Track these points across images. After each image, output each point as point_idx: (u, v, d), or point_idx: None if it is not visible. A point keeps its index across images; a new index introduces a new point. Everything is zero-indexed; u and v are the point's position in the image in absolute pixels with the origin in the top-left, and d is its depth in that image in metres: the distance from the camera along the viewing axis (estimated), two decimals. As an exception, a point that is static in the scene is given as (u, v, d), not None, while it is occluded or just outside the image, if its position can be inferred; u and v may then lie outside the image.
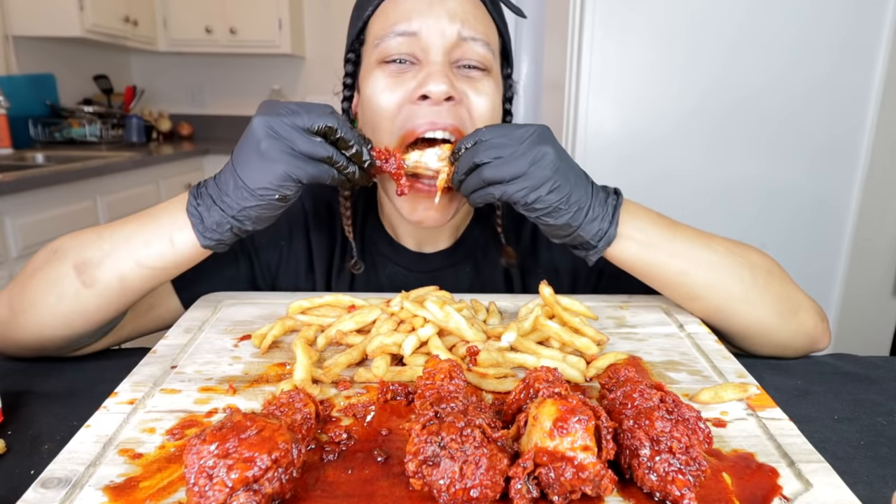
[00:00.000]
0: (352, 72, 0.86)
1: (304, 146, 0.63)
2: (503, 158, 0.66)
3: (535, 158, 0.66)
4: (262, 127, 0.63)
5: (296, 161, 0.63)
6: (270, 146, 0.63)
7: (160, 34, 4.05)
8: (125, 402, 0.57)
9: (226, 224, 0.67)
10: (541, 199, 0.67)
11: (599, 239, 0.71)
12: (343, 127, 0.66)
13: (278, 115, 0.64)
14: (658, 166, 1.91)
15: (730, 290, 0.75)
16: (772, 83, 1.81)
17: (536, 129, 0.67)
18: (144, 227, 0.70)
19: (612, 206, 0.71)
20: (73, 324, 0.71)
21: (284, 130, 0.63)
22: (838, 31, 1.77)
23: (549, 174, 0.66)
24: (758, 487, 0.45)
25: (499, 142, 0.67)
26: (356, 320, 0.70)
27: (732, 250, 0.77)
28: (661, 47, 1.82)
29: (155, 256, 0.69)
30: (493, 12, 0.83)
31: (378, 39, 0.79)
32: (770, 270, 0.78)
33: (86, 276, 0.69)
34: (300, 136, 0.63)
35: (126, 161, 3.01)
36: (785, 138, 1.85)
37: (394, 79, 0.78)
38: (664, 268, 0.75)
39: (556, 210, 0.68)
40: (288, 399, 0.50)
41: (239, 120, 4.56)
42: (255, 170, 0.64)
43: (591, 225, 0.70)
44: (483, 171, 0.67)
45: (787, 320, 0.77)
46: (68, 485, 0.45)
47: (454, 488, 0.41)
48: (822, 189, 1.89)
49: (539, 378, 0.51)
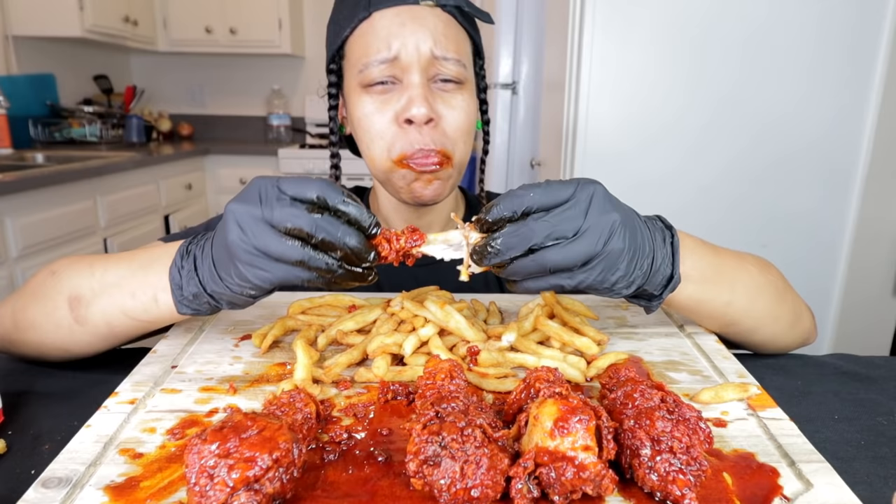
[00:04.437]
0: (335, 82, 0.91)
1: (270, 246, 0.53)
2: (569, 239, 0.53)
3: (605, 231, 0.54)
4: (231, 217, 0.54)
5: (259, 263, 0.54)
6: (234, 242, 0.54)
7: (160, 34, 4.05)
8: (126, 402, 0.57)
9: (202, 298, 0.61)
10: (620, 279, 0.57)
11: (664, 287, 0.63)
12: (325, 227, 0.52)
13: (250, 204, 0.54)
14: (658, 166, 1.91)
15: (761, 312, 0.74)
16: (773, 82, 1.81)
17: (592, 189, 0.55)
18: (134, 276, 0.66)
19: (669, 245, 0.63)
20: (69, 349, 0.71)
21: (252, 226, 0.53)
22: (841, 33, 1.77)
23: (624, 247, 0.55)
24: (758, 487, 0.45)
25: (559, 215, 0.53)
26: (356, 320, 0.70)
27: (760, 269, 0.74)
28: (661, 47, 1.82)
29: (139, 310, 0.66)
30: (462, 21, 0.87)
31: (362, 66, 0.83)
32: (785, 283, 0.79)
33: (77, 313, 0.67)
34: (267, 234, 0.53)
35: (126, 161, 3.01)
36: (786, 138, 1.85)
37: (380, 101, 0.84)
38: (713, 302, 0.70)
39: (631, 282, 0.59)
40: (289, 399, 0.50)
41: (239, 120, 4.56)
42: (223, 261, 0.57)
43: (657, 275, 0.62)
44: (545, 257, 0.53)
45: (794, 328, 0.79)
46: (69, 484, 0.45)
47: (455, 488, 0.41)
48: (823, 190, 1.89)
49: (540, 378, 0.51)
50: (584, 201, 0.54)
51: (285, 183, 0.54)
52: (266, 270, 0.54)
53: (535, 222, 0.53)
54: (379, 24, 0.82)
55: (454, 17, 0.85)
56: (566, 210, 0.53)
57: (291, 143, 4.16)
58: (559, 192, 0.54)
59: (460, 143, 0.86)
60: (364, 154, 0.89)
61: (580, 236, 0.53)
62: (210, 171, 3.96)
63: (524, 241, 0.53)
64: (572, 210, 0.53)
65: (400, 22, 0.81)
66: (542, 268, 0.54)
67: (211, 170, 3.96)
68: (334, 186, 0.54)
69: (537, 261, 0.54)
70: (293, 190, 0.53)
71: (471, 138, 0.89)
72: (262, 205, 0.53)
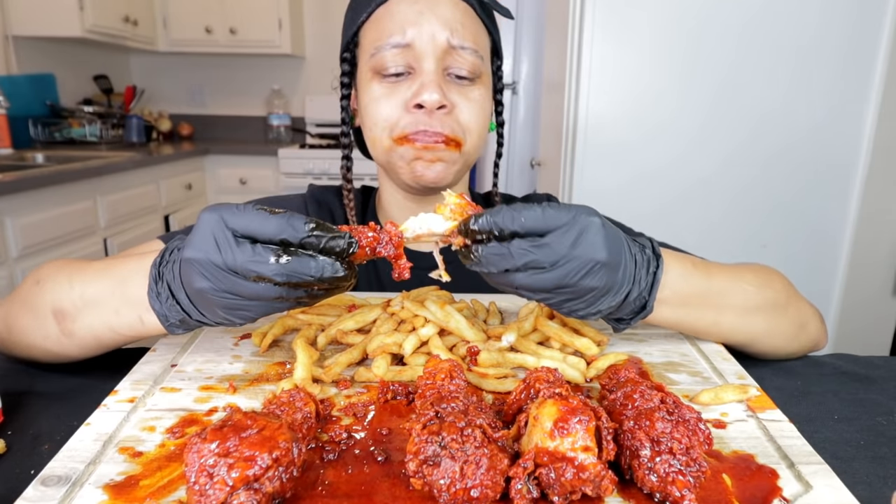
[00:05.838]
0: (348, 71, 0.89)
1: (244, 292, 0.51)
2: (546, 269, 0.52)
3: (583, 269, 0.52)
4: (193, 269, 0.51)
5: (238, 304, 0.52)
6: (206, 291, 0.51)
7: (160, 34, 4.05)
8: (125, 401, 0.57)
9: (190, 323, 0.59)
10: (582, 309, 0.57)
11: (634, 314, 0.63)
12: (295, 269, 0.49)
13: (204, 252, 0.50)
14: (658, 166, 1.91)
15: (756, 328, 0.73)
16: (773, 82, 1.82)
17: (587, 223, 0.52)
18: (113, 293, 0.62)
19: (651, 275, 0.61)
20: (61, 357, 0.70)
21: (215, 275, 0.50)
22: (841, 33, 1.77)
23: (597, 286, 0.54)
24: (758, 489, 0.45)
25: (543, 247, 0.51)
26: (356, 319, 0.70)
27: (758, 285, 0.72)
28: (661, 47, 1.83)
29: (125, 328, 0.63)
30: (481, 15, 0.85)
31: (374, 49, 0.82)
32: (788, 295, 0.76)
33: (63, 327, 0.65)
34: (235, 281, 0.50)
35: (126, 161, 3.01)
36: (786, 138, 1.85)
37: (390, 89, 0.82)
38: (696, 323, 0.69)
39: (593, 313, 0.59)
40: (288, 398, 0.50)
41: (239, 120, 4.56)
42: (200, 303, 0.55)
43: (627, 305, 0.61)
44: (515, 278, 0.53)
45: (798, 336, 0.77)
46: (68, 483, 0.45)
47: (454, 488, 0.41)
48: (823, 189, 1.90)
49: (539, 378, 0.51)
50: (574, 234, 0.52)
51: (234, 219, 0.50)
52: (245, 310, 0.53)
53: (518, 248, 0.51)
54: (395, 9, 0.81)
55: (473, 9, 0.84)
56: (552, 240, 0.51)
57: (291, 144, 4.16)
58: (553, 220, 0.52)
59: (473, 135, 0.84)
60: (367, 140, 0.87)
61: (556, 268, 0.52)
62: (210, 171, 3.96)
63: (503, 262, 0.52)
64: (558, 241, 0.51)
65: (417, 10, 0.80)
66: (510, 283, 0.54)
67: (211, 170, 3.96)
68: (293, 217, 0.50)
69: (509, 278, 0.53)
70: (246, 228, 0.49)
71: (484, 135, 0.87)
72: (220, 251, 0.49)
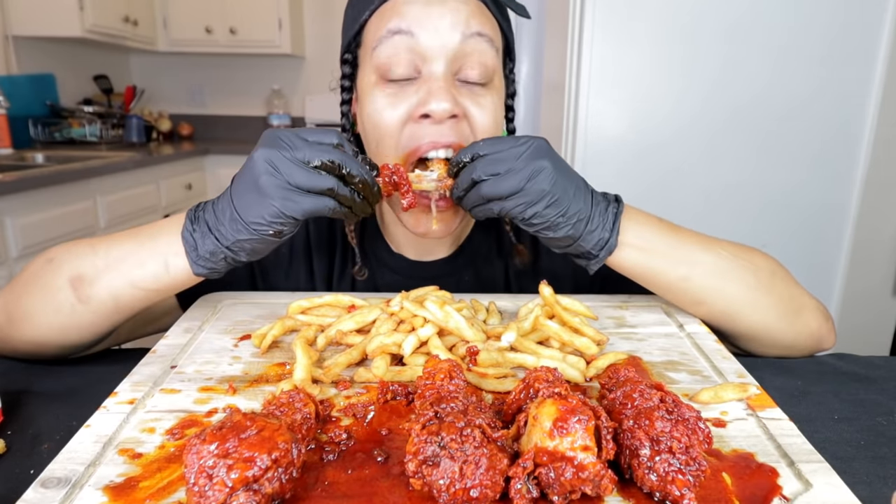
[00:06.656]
0: (349, 73, 0.84)
1: (302, 180, 0.61)
2: (500, 175, 0.65)
3: (531, 174, 0.64)
4: (262, 161, 0.61)
5: (292, 196, 0.61)
6: (268, 182, 0.60)
7: (160, 34, 4.05)
8: (125, 402, 0.57)
9: (220, 254, 0.65)
10: (538, 215, 0.66)
11: (600, 248, 0.71)
12: (348, 161, 0.63)
13: (279, 149, 0.61)
14: (658, 167, 1.91)
15: (733, 294, 0.75)
16: (772, 84, 1.81)
17: (533, 143, 0.66)
18: (141, 246, 0.68)
19: (612, 214, 0.70)
20: (69, 335, 0.72)
21: (284, 165, 0.61)
22: (838, 31, 1.77)
23: (546, 189, 0.65)
24: (758, 487, 0.45)
25: (495, 157, 0.65)
26: (356, 320, 0.70)
27: (736, 254, 0.76)
28: (661, 48, 1.82)
29: (149, 279, 0.68)
30: (495, 13, 0.80)
31: (375, 41, 0.76)
32: (773, 272, 0.78)
33: (80, 293, 0.68)
34: (300, 170, 0.61)
35: (126, 161, 3.01)
36: (785, 139, 1.85)
37: (394, 96, 0.76)
38: (666, 274, 0.74)
39: (554, 224, 0.67)
40: (288, 399, 0.50)
41: (239, 120, 4.56)
42: (251, 204, 0.62)
43: (592, 235, 0.69)
44: (481, 188, 0.66)
45: (791, 322, 0.77)
46: (68, 484, 0.45)
47: (454, 488, 0.41)
48: (823, 189, 1.89)
49: (539, 378, 0.51)
50: (522, 149, 0.65)
51: (305, 131, 0.64)
52: (297, 203, 0.61)
53: (478, 161, 0.66)
54: (402, 3, 0.75)
55: (487, 6, 0.79)
56: (504, 153, 0.65)
57: (291, 143, 4.16)
58: (505, 142, 0.66)
59: None
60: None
61: (510, 173, 0.65)
62: (210, 171, 3.96)
63: (468, 174, 0.67)
64: (508, 153, 0.65)
65: (425, 2, 0.74)
66: (480, 198, 0.67)
67: (211, 170, 3.96)
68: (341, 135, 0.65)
69: (478, 191, 0.66)
70: (314, 136, 0.63)
71: None
72: (290, 148, 0.61)
